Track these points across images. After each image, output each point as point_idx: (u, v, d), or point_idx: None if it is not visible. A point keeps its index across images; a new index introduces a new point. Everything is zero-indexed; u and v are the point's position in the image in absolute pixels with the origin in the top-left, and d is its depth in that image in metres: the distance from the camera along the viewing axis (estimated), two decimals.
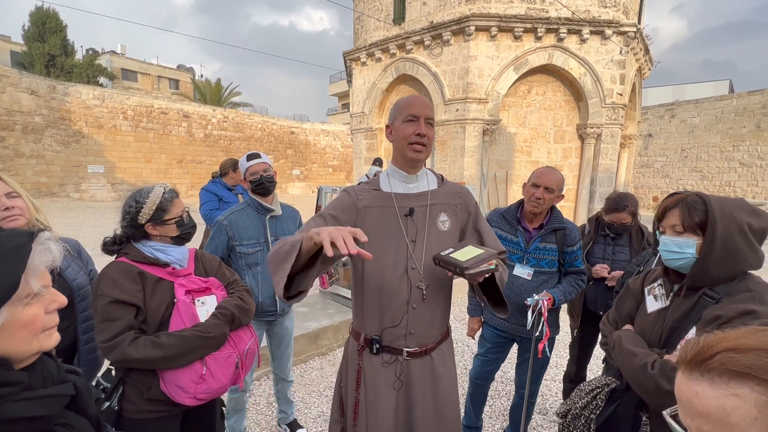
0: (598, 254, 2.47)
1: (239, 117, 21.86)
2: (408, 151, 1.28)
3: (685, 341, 1.14)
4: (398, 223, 1.31)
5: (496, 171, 8.51)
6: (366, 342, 1.34)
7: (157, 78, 30.13)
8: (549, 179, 1.94)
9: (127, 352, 1.23)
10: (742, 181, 16.02)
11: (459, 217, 1.39)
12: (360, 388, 1.33)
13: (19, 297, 0.63)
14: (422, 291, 1.30)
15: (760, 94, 15.43)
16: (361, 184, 1.44)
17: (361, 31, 10.02)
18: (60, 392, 0.70)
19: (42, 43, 19.48)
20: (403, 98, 1.34)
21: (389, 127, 1.35)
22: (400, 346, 1.31)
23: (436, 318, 1.36)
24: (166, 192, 1.41)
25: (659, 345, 1.19)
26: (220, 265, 1.62)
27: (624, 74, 7.97)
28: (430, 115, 1.29)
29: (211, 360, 1.34)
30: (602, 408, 1.27)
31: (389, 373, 1.32)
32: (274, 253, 1.15)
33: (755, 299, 1.05)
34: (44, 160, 15.47)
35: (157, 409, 1.35)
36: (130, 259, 1.38)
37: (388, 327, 1.31)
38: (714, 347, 0.50)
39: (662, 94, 25.93)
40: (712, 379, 0.49)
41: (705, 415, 0.49)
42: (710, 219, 1.11)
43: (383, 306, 1.31)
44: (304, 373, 3.23)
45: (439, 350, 1.38)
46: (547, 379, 3.14)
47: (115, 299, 1.28)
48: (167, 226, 1.41)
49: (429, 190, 1.37)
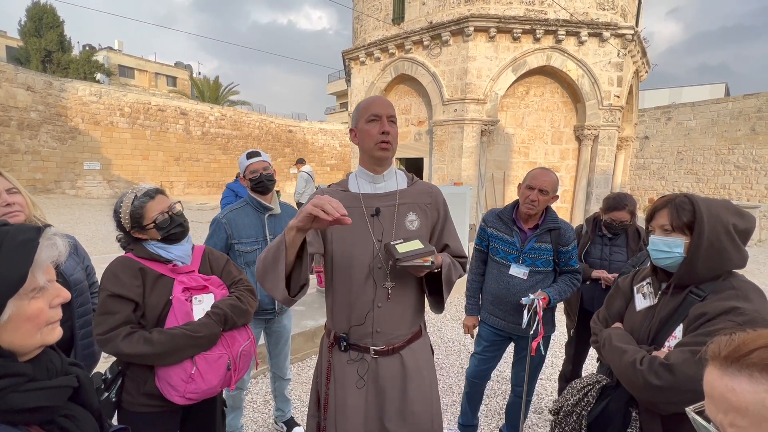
0: (595, 255, 2.49)
1: (237, 115, 21.79)
2: (375, 151, 1.30)
3: (673, 340, 1.17)
4: (365, 223, 1.33)
5: (494, 171, 8.54)
6: (335, 339, 1.36)
7: (154, 75, 29.97)
8: (544, 181, 1.97)
9: (119, 346, 1.25)
10: (737, 184, 16.14)
11: (429, 216, 1.40)
12: (330, 383, 1.36)
13: (25, 291, 0.64)
14: (387, 290, 1.31)
15: (756, 97, 15.55)
16: (331, 186, 1.47)
17: (360, 31, 10.02)
18: (64, 384, 0.72)
19: (39, 38, 19.33)
20: (363, 101, 1.36)
21: (353, 130, 1.36)
22: (367, 344, 1.33)
23: (405, 317, 1.37)
24: (136, 198, 1.37)
25: (648, 342, 1.22)
26: (227, 262, 1.61)
27: (621, 76, 8.02)
28: (391, 113, 1.31)
29: (201, 360, 1.33)
30: (593, 405, 1.29)
31: (354, 371, 1.33)
32: (260, 266, 1.17)
33: (739, 297, 1.08)
34: (40, 156, 15.36)
35: (153, 403, 1.35)
36: (134, 254, 1.39)
37: (354, 325, 1.32)
38: (752, 343, 0.51)
39: (659, 97, 26.08)
40: (751, 374, 0.49)
41: (742, 410, 0.49)
42: (697, 219, 1.14)
43: (351, 304, 1.32)
44: (301, 371, 3.25)
45: (410, 349, 1.38)
46: (543, 378, 3.17)
47: (113, 293, 1.29)
48: (149, 231, 1.39)
49: (398, 190, 1.38)
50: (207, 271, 1.52)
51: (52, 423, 0.70)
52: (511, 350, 2.31)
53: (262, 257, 1.18)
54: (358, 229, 1.32)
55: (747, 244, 1.16)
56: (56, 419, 0.70)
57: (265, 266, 1.16)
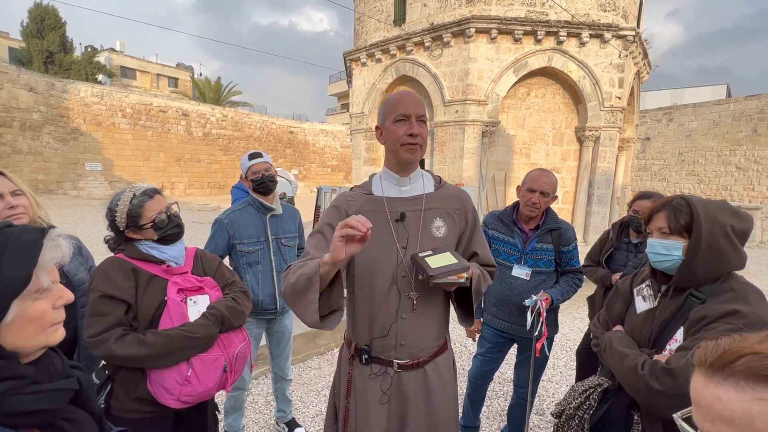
0: (619, 261, 2.45)
1: (238, 116, 21.84)
2: (402, 153, 1.22)
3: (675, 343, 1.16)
4: (389, 229, 1.25)
5: (495, 173, 8.54)
6: (356, 351, 1.29)
7: (156, 76, 30.04)
8: (544, 183, 1.97)
9: (112, 348, 1.21)
10: (738, 185, 16.11)
11: (457, 223, 1.31)
12: (350, 397, 1.29)
13: (29, 292, 0.64)
14: (413, 301, 1.23)
15: (757, 98, 15.53)
16: (354, 188, 1.38)
17: (361, 32, 10.03)
18: (65, 387, 0.71)
19: (41, 39, 19.41)
20: (391, 96, 1.26)
21: (379, 128, 1.28)
22: (390, 358, 1.25)
23: (431, 330, 1.29)
24: (135, 197, 1.34)
25: (649, 345, 1.21)
26: (219, 264, 1.59)
27: (623, 78, 8.01)
28: (421, 113, 1.21)
29: (198, 362, 1.29)
30: (595, 408, 1.29)
31: (377, 386, 1.27)
32: (289, 290, 1.13)
33: (739, 299, 1.08)
34: (42, 157, 15.41)
35: (145, 409, 1.31)
36: (126, 255, 1.36)
37: (377, 337, 1.25)
38: (738, 351, 0.49)
39: (660, 98, 26.06)
40: (737, 382, 0.48)
41: (728, 419, 0.48)
42: (695, 221, 1.13)
43: (373, 315, 1.25)
44: (302, 372, 3.25)
45: (435, 363, 1.30)
46: (544, 380, 3.16)
47: (105, 294, 1.25)
48: (146, 231, 1.35)
49: (424, 194, 1.30)
50: (200, 273, 1.49)
51: (52, 426, 0.69)
52: (513, 352, 2.31)
53: (291, 282, 1.13)
54: (382, 235, 1.24)
55: (745, 244, 1.16)
56: (56, 422, 0.70)
57: (294, 291, 1.12)
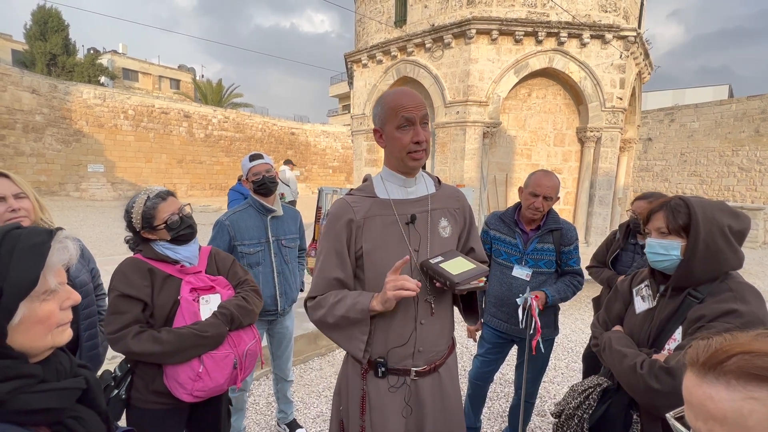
0: (625, 262, 2.45)
1: (240, 117, 21.89)
2: (408, 161, 1.16)
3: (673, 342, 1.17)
4: (400, 232, 1.20)
5: (496, 173, 8.54)
6: (370, 364, 1.21)
7: (158, 78, 30.15)
8: (548, 188, 1.97)
9: (129, 344, 1.29)
10: (741, 186, 16.06)
11: (458, 222, 1.31)
12: (365, 415, 1.21)
13: (37, 293, 0.66)
14: (431, 305, 1.20)
15: (760, 99, 15.48)
16: (353, 191, 1.31)
17: (362, 33, 10.06)
18: (73, 385, 0.73)
19: (44, 42, 19.51)
20: (388, 95, 1.17)
21: (378, 131, 1.20)
22: (408, 366, 1.20)
23: (444, 331, 1.28)
24: (149, 199, 1.41)
25: (648, 345, 1.22)
26: (233, 263, 1.64)
27: (624, 78, 8.01)
28: (425, 113, 1.14)
29: (208, 359, 1.36)
30: (594, 407, 1.30)
31: (398, 399, 1.20)
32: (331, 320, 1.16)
33: (736, 299, 1.09)
34: (44, 158, 15.48)
35: (161, 401, 1.39)
36: (144, 255, 1.43)
37: (395, 347, 1.19)
38: (729, 350, 0.49)
39: (662, 99, 26.00)
40: (728, 382, 0.48)
41: (720, 418, 0.48)
42: (693, 222, 1.14)
43: (389, 323, 1.18)
44: (303, 373, 3.26)
45: (447, 365, 1.29)
46: (546, 381, 3.16)
47: (123, 293, 1.33)
48: (159, 231, 1.42)
49: (428, 195, 1.27)
50: (213, 272, 1.55)
51: (60, 424, 0.71)
52: (514, 353, 2.31)
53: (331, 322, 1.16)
54: (394, 239, 1.19)
55: (743, 244, 1.17)
56: (64, 420, 0.71)
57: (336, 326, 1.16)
